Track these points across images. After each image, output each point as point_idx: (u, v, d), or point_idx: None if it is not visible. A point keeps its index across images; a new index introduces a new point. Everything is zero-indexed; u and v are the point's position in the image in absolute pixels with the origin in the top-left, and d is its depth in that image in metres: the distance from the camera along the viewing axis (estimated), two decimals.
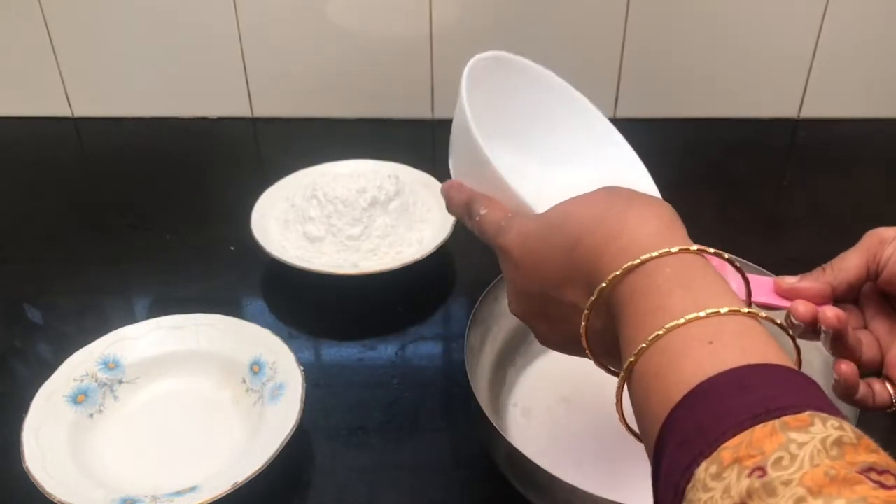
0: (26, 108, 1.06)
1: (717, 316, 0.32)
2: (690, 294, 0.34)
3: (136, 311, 0.78)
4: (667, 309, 0.33)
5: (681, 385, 0.30)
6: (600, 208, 0.39)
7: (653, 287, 0.35)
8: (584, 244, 0.38)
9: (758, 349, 0.31)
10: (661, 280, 0.35)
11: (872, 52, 1.00)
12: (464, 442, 0.64)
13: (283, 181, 0.86)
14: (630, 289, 0.35)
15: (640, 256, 0.35)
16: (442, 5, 0.97)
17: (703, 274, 0.35)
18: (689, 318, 0.32)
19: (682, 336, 0.32)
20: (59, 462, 0.57)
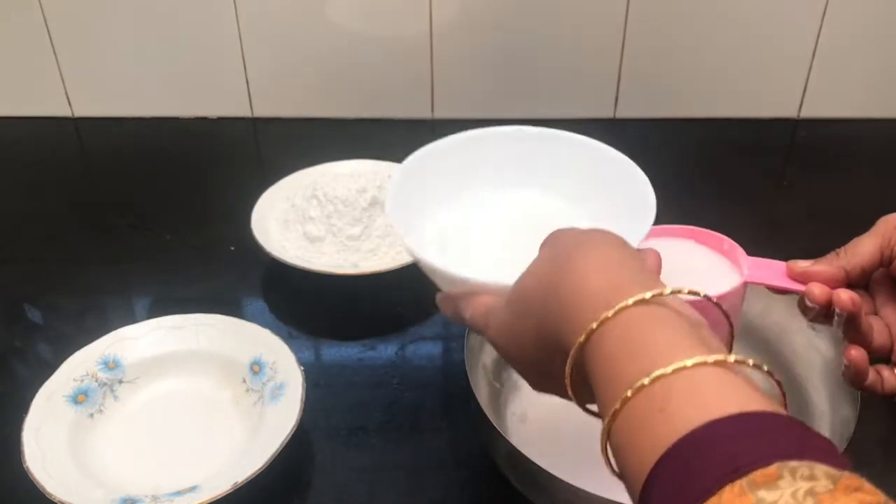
0: (26, 108, 1.06)
1: (663, 378, 0.30)
2: (636, 359, 0.32)
3: (137, 311, 0.78)
4: (618, 380, 0.32)
5: (644, 463, 0.29)
6: (544, 280, 0.39)
7: (601, 360, 0.34)
8: (544, 327, 0.38)
9: (710, 402, 0.29)
10: (605, 351, 0.34)
11: (872, 52, 1.00)
12: (464, 442, 0.64)
13: (283, 181, 0.86)
14: (588, 363, 0.35)
15: (586, 326, 0.34)
16: (442, 5, 0.97)
17: (646, 329, 0.33)
18: (637, 387, 0.31)
19: (634, 408, 0.31)
20: (59, 462, 0.57)
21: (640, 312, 0.34)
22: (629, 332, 0.33)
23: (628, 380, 0.31)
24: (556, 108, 1.03)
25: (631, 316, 0.34)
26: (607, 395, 0.32)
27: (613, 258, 0.38)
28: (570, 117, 1.03)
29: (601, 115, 1.04)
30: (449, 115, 1.05)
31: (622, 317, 0.34)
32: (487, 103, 1.04)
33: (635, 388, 0.31)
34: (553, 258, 0.40)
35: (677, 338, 0.33)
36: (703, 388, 0.30)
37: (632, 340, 0.33)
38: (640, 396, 0.31)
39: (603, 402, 0.33)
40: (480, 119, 1.09)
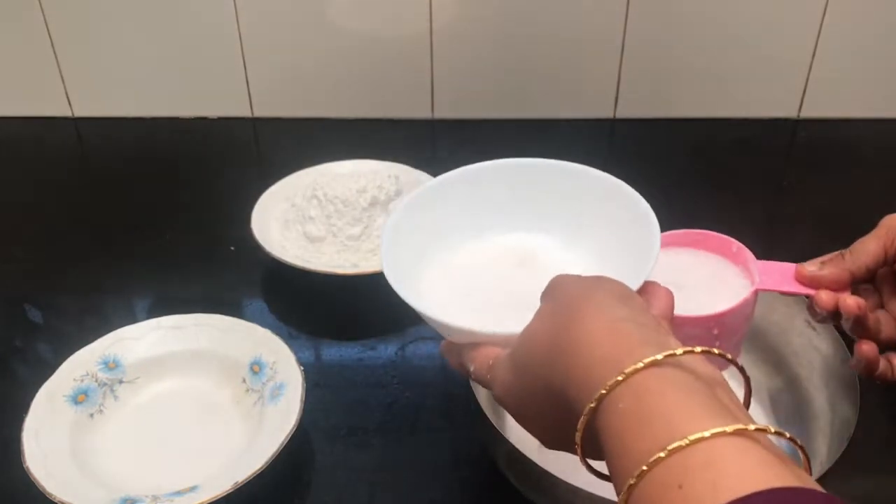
0: (26, 108, 1.06)
1: (679, 451, 0.28)
2: (649, 430, 0.30)
3: (137, 311, 0.78)
4: (630, 454, 0.30)
5: None
6: (547, 341, 0.37)
7: (612, 429, 0.32)
8: (552, 387, 0.36)
9: (730, 478, 0.27)
10: (617, 421, 0.32)
11: (872, 52, 1.00)
12: (464, 442, 0.64)
13: (283, 181, 0.86)
14: (599, 430, 0.33)
15: (596, 391, 0.32)
16: (442, 5, 0.97)
17: (659, 395, 0.31)
18: (652, 461, 0.29)
19: (652, 483, 0.29)
20: (59, 462, 0.57)
21: (652, 376, 0.32)
22: (642, 399, 0.31)
23: (643, 452, 0.29)
24: (556, 109, 1.03)
25: (643, 380, 0.32)
26: (621, 468, 0.31)
27: (621, 314, 0.36)
28: (570, 117, 1.03)
29: (601, 115, 1.04)
30: (449, 115, 1.05)
31: (633, 381, 0.32)
32: (487, 103, 1.04)
33: (651, 462, 0.29)
34: (555, 312, 0.38)
35: (693, 403, 0.31)
36: (722, 461, 0.28)
37: (645, 408, 0.31)
38: (657, 471, 0.29)
39: (617, 475, 0.31)
40: (480, 119, 1.09)
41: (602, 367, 0.33)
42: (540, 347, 0.38)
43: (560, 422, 0.37)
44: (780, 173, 1.00)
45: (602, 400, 0.32)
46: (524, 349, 0.39)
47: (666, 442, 0.29)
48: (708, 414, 0.30)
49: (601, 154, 1.02)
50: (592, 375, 0.33)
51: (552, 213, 0.54)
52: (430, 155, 1.03)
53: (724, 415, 0.30)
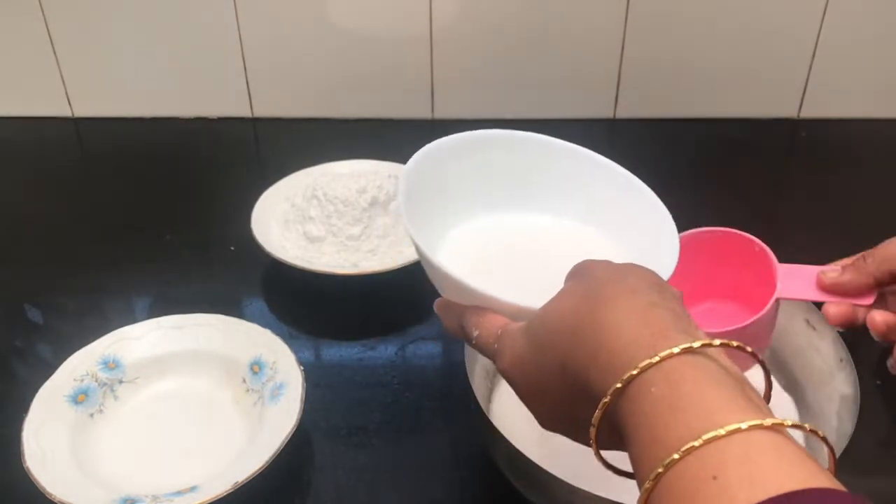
0: (26, 108, 1.06)
1: (716, 441, 0.28)
2: (683, 417, 0.29)
3: (137, 311, 0.78)
4: (662, 440, 0.29)
5: None
6: (575, 317, 0.36)
7: (641, 415, 0.31)
8: (571, 364, 0.35)
9: (766, 474, 0.27)
10: (648, 406, 0.30)
11: (872, 52, 1.00)
12: (464, 442, 0.64)
13: (283, 181, 0.86)
14: (625, 413, 0.32)
15: (624, 373, 0.31)
16: (442, 5, 0.97)
17: (694, 383, 0.30)
18: (685, 449, 0.28)
19: (683, 473, 0.28)
20: (59, 462, 0.57)
21: (686, 363, 0.31)
22: (676, 386, 0.30)
23: (675, 440, 0.28)
24: (557, 109, 1.03)
25: (678, 366, 0.31)
26: (649, 455, 0.30)
27: (654, 299, 0.35)
28: (571, 117, 1.03)
29: (601, 115, 1.04)
30: (449, 115, 1.05)
31: (667, 366, 0.31)
32: (487, 103, 1.04)
33: (684, 451, 0.28)
34: (585, 292, 0.36)
35: (727, 395, 0.30)
36: (759, 456, 0.27)
37: (679, 394, 0.30)
38: (690, 460, 0.28)
39: (641, 462, 0.30)
40: (481, 119, 1.09)
41: (632, 350, 0.32)
42: (564, 324, 0.36)
43: (569, 404, 0.36)
44: (780, 173, 1.00)
45: (630, 382, 0.31)
46: (545, 325, 0.37)
47: (700, 431, 0.28)
48: (740, 407, 0.29)
49: (601, 154, 1.01)
50: (620, 358, 0.32)
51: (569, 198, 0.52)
52: None
53: (755, 409, 0.29)
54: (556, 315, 0.37)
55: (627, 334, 0.33)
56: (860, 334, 0.49)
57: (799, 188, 0.95)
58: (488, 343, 0.41)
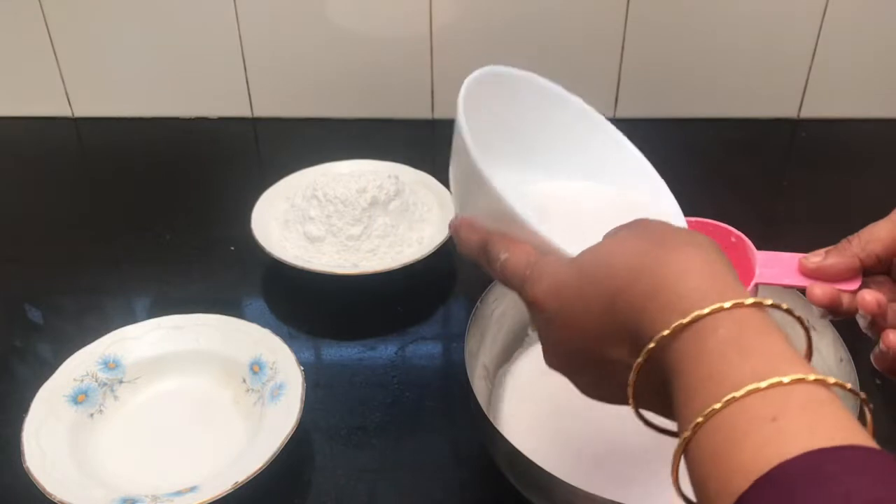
0: (26, 108, 1.06)
1: (779, 386, 0.28)
2: (748, 359, 0.29)
3: (137, 311, 0.78)
4: (722, 377, 0.29)
5: (744, 472, 0.27)
6: (636, 256, 0.35)
7: (704, 351, 0.31)
8: (623, 299, 0.34)
9: (828, 427, 0.27)
10: (714, 343, 0.31)
11: (872, 52, 1.00)
12: (464, 442, 0.64)
13: (283, 181, 0.86)
14: (680, 351, 0.31)
15: (688, 314, 0.31)
16: (442, 5, 0.97)
17: (761, 333, 0.31)
18: (749, 389, 0.28)
19: (741, 411, 0.28)
20: (59, 462, 0.57)
21: (754, 314, 0.31)
22: (744, 330, 0.31)
23: (738, 378, 0.29)
24: None
25: (746, 314, 0.31)
26: (703, 391, 0.30)
27: (716, 258, 0.35)
28: None
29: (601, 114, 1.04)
30: (449, 115, 1.04)
31: (737, 312, 0.31)
32: None
33: (748, 390, 0.28)
34: (650, 237, 0.36)
35: (790, 349, 0.30)
36: (820, 408, 0.28)
37: (747, 338, 0.30)
38: (751, 400, 0.28)
39: (691, 398, 0.30)
40: None
41: (698, 295, 0.32)
42: (623, 261, 0.35)
43: (604, 342, 0.36)
44: (780, 173, 1.00)
45: (696, 321, 0.31)
46: (600, 258, 0.37)
47: (765, 375, 0.28)
48: (801, 362, 0.30)
49: None
50: (685, 300, 0.32)
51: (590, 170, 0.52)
52: (430, 155, 1.03)
53: (811, 368, 0.29)
54: (616, 251, 0.36)
55: (694, 280, 0.33)
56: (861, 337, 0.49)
57: (798, 188, 0.95)
58: (518, 267, 0.40)
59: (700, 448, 0.29)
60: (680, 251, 0.35)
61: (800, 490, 0.25)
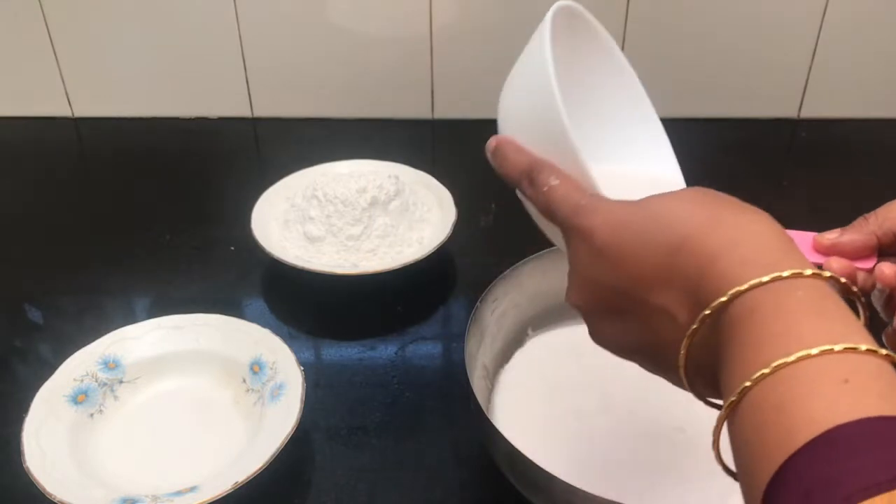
0: (26, 108, 1.06)
1: (853, 353, 0.28)
2: (824, 323, 0.30)
3: (137, 311, 0.78)
4: (796, 336, 0.29)
5: (807, 426, 0.27)
6: (713, 210, 0.35)
7: (781, 308, 0.30)
8: (694, 246, 0.34)
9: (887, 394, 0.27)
10: (793, 302, 0.30)
11: (872, 52, 1.00)
12: (464, 442, 0.64)
13: (283, 181, 0.86)
14: (751, 306, 0.31)
15: (768, 272, 0.31)
16: (442, 5, 0.97)
17: (836, 304, 0.31)
18: (824, 349, 0.28)
19: (812, 369, 0.28)
20: (59, 462, 0.57)
21: (822, 284, 0.32)
22: (824, 297, 0.31)
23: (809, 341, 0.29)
24: None
25: (816, 283, 0.31)
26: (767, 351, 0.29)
27: (781, 231, 0.35)
28: None
29: None
30: (449, 115, 1.05)
31: (814, 280, 0.31)
32: (487, 103, 1.04)
33: (823, 350, 0.28)
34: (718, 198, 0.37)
35: (858, 322, 0.31)
36: (890, 378, 0.28)
37: (825, 304, 0.31)
38: (823, 360, 0.28)
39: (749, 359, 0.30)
40: (480, 119, 1.09)
41: (779, 255, 0.32)
42: (697, 210, 0.35)
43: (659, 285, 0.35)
44: (780, 173, 1.00)
45: (775, 281, 0.31)
46: (670, 205, 0.36)
47: (840, 340, 0.28)
48: (871, 336, 0.30)
49: None
50: (767, 257, 0.32)
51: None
52: (430, 155, 1.03)
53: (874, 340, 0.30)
54: (687, 200, 0.36)
55: (774, 243, 0.33)
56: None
57: (799, 188, 0.95)
58: (570, 195, 0.39)
59: (759, 400, 0.29)
60: (754, 213, 0.35)
61: (863, 451, 0.25)
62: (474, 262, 0.81)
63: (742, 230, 0.34)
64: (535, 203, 0.41)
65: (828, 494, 0.25)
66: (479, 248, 0.83)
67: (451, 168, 0.92)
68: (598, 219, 0.37)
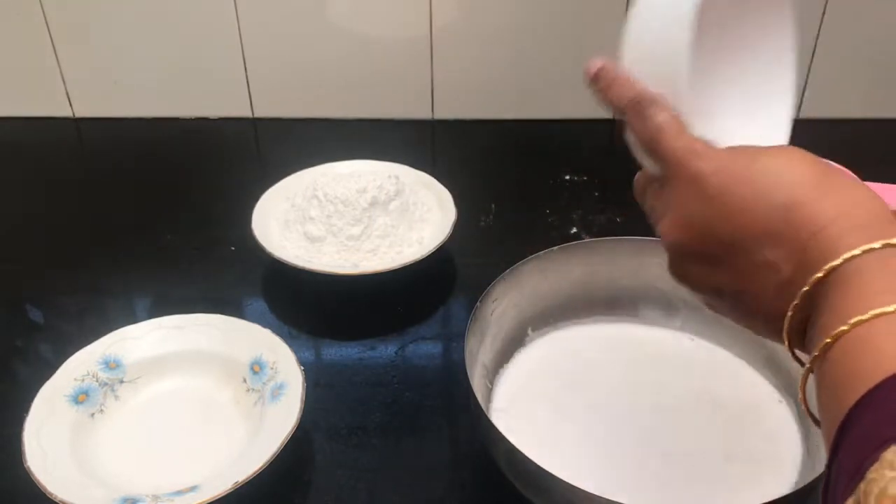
0: (26, 108, 1.07)
1: None
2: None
3: (137, 311, 0.78)
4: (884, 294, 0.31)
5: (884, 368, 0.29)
6: (823, 176, 0.36)
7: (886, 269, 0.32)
8: (805, 208, 0.35)
9: None
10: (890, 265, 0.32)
11: (872, 52, 1.00)
12: (464, 442, 0.64)
13: (284, 181, 0.86)
14: (858, 267, 0.33)
15: (877, 239, 0.33)
16: (442, 5, 0.97)
17: None
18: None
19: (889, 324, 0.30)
20: (60, 461, 0.57)
21: None
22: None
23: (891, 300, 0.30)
24: (557, 109, 1.03)
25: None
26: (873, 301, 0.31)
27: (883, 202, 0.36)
28: (571, 117, 1.03)
29: (601, 115, 1.04)
30: (449, 115, 1.05)
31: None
32: (487, 104, 1.04)
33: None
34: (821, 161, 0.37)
35: None
36: None
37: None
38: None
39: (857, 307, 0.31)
40: (480, 119, 1.09)
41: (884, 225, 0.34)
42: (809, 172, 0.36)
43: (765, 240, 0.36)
44: None
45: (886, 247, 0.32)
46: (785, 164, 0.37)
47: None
48: None
49: (602, 153, 1.02)
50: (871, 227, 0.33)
51: None
52: (430, 155, 1.03)
53: None
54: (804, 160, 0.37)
55: (880, 212, 0.34)
56: None
57: None
58: (682, 136, 0.39)
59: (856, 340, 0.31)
60: (858, 183, 0.36)
61: None
62: (474, 262, 0.81)
63: (850, 198, 0.35)
64: (640, 134, 0.41)
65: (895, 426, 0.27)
66: (479, 248, 0.83)
67: (451, 168, 0.92)
68: (714, 164, 0.38)
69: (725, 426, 0.61)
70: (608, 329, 0.68)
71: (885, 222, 0.34)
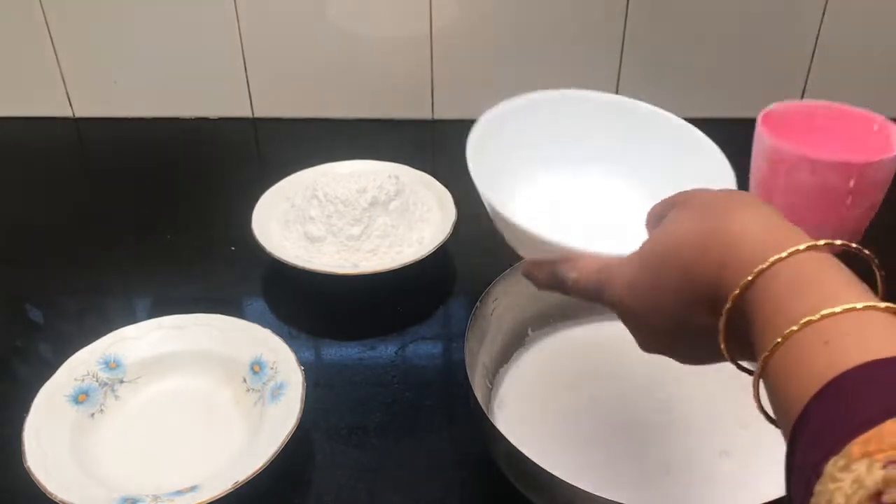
0: (26, 108, 1.07)
1: (832, 316, 0.32)
2: (806, 298, 0.33)
3: (137, 311, 0.78)
4: (785, 315, 0.33)
5: (802, 392, 0.31)
6: (698, 235, 0.39)
7: (769, 297, 0.35)
8: (697, 273, 0.38)
9: (878, 342, 0.30)
10: (777, 287, 0.35)
11: (872, 52, 1.01)
12: (464, 442, 0.64)
13: (284, 181, 0.86)
14: (752, 301, 0.36)
15: (752, 272, 0.36)
16: (442, 5, 0.97)
17: (816, 272, 0.35)
18: (803, 322, 0.32)
19: (799, 341, 0.32)
20: (60, 461, 0.57)
21: (811, 257, 0.35)
22: (801, 274, 0.35)
23: (795, 316, 0.32)
24: None
25: (802, 259, 0.35)
26: (770, 331, 0.34)
27: (769, 211, 0.39)
28: None
29: None
30: (449, 115, 1.05)
31: (793, 260, 0.35)
32: (487, 104, 1.04)
33: (802, 323, 0.32)
34: (705, 209, 0.40)
35: (845, 283, 0.34)
36: (871, 329, 0.31)
37: (803, 281, 0.34)
38: (807, 331, 0.32)
39: (763, 339, 0.34)
40: None
41: (761, 249, 0.36)
42: (687, 239, 0.39)
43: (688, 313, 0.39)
44: None
45: (761, 274, 0.35)
46: (664, 244, 0.41)
47: (819, 308, 0.32)
48: (858, 292, 0.33)
49: None
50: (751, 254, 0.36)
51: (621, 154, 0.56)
52: (430, 155, 1.03)
53: (868, 295, 0.33)
54: (678, 233, 0.40)
55: (755, 237, 0.37)
56: None
57: None
58: (590, 280, 0.44)
59: (770, 376, 0.34)
60: (740, 213, 0.38)
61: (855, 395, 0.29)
62: (474, 262, 0.81)
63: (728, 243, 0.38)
64: (578, 298, 0.46)
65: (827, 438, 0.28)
66: (479, 248, 0.83)
67: (451, 168, 0.92)
68: (616, 287, 0.42)
69: (725, 426, 0.61)
70: (608, 329, 0.68)
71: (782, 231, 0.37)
